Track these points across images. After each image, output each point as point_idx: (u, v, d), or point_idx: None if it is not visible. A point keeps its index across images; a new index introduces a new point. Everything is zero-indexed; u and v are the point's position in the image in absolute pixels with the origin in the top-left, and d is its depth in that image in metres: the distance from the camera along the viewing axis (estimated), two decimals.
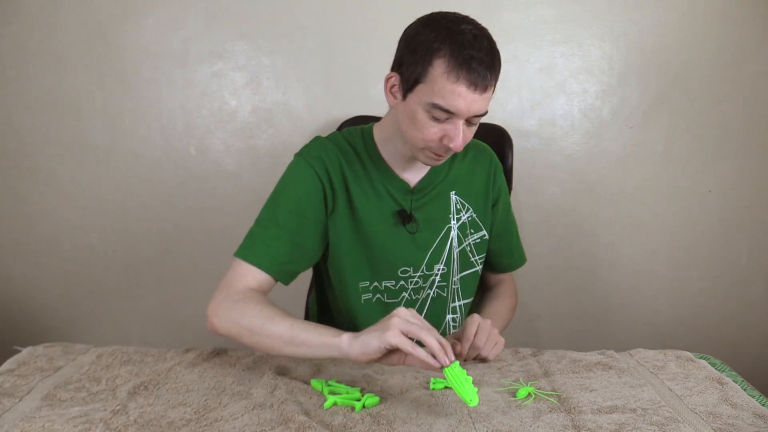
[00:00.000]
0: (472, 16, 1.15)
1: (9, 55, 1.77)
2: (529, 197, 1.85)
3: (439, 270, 1.22)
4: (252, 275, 1.09)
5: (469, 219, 1.24)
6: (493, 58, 1.02)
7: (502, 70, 1.04)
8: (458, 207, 1.23)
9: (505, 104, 1.81)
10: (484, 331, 1.09)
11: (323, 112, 1.81)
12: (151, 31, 1.77)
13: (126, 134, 1.82)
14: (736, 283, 1.92)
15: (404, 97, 1.07)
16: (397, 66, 1.08)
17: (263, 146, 1.83)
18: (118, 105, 1.80)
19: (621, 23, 1.78)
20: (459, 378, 0.87)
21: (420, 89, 1.03)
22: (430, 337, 0.89)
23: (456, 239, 1.23)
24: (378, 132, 1.20)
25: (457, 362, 0.89)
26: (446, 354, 0.88)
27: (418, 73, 1.03)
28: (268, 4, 1.76)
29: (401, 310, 0.93)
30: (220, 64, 1.79)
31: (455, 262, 1.24)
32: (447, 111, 1.02)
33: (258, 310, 1.01)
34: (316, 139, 1.20)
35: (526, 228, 1.86)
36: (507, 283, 1.37)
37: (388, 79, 1.09)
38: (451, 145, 1.05)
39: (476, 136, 1.37)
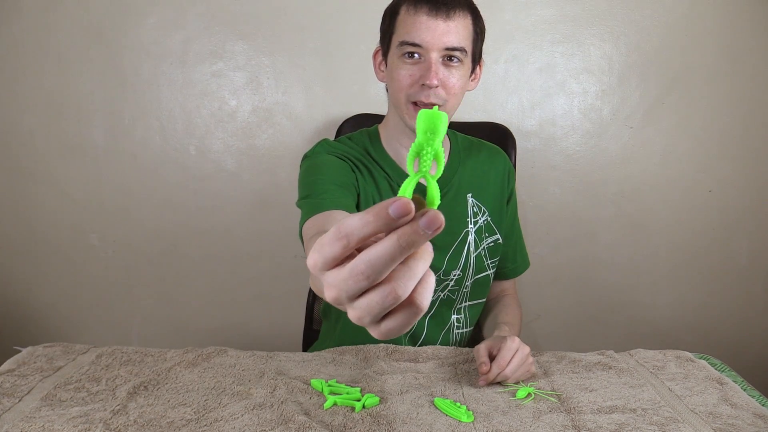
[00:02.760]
0: None
1: (9, 55, 1.77)
2: (529, 197, 1.85)
3: (455, 275, 1.20)
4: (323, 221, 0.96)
5: (485, 223, 1.23)
6: None
7: (502, 70, 1.04)
8: (475, 210, 1.21)
9: (505, 104, 1.81)
10: (519, 359, 0.97)
11: (323, 112, 1.81)
12: (151, 31, 1.77)
13: (126, 134, 1.82)
14: (736, 283, 1.92)
15: (386, 61, 1.09)
16: (380, 40, 1.12)
17: (263, 146, 1.83)
18: (118, 105, 1.80)
19: (621, 23, 1.78)
20: (450, 408, 0.88)
21: (393, 40, 1.06)
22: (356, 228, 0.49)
23: (473, 244, 1.21)
24: (382, 131, 1.19)
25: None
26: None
27: (391, 30, 1.07)
28: (268, 4, 1.76)
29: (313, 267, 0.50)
30: (220, 64, 1.79)
31: (471, 268, 1.21)
32: (414, 44, 1.02)
33: None
34: (325, 140, 1.18)
35: (526, 228, 1.86)
36: (512, 296, 1.35)
37: (375, 55, 1.13)
38: (426, 82, 1.01)
39: (479, 134, 1.37)
